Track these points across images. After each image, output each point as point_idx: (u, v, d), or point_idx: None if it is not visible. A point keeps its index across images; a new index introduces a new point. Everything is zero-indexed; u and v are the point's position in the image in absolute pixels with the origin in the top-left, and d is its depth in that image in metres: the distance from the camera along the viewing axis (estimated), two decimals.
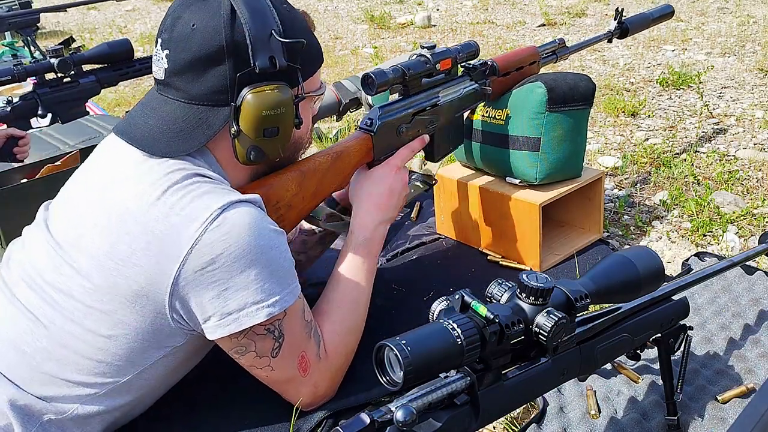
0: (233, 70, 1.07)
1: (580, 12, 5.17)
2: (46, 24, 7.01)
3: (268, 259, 1.04)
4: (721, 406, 1.18)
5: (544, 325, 0.83)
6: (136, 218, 1.02)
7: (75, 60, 2.07)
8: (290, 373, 1.15)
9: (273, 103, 1.08)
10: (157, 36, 1.12)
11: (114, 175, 1.10)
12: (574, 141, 1.70)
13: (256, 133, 1.10)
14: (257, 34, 1.06)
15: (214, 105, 1.09)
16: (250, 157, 1.12)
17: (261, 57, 1.06)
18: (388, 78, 1.34)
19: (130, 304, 1.04)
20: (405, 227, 2.01)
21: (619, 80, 3.40)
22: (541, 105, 1.64)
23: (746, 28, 4.26)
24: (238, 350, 1.10)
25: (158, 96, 1.13)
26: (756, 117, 2.74)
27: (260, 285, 1.04)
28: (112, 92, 3.88)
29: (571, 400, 1.24)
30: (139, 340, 1.07)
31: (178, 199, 1.02)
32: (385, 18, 5.50)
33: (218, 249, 1.00)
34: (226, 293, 1.03)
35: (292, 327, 1.12)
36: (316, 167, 1.28)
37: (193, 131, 1.08)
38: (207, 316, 1.04)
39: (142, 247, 1.01)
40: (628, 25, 2.08)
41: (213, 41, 1.06)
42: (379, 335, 0.78)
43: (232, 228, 1.01)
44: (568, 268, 1.72)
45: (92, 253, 1.05)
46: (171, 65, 1.08)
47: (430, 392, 0.77)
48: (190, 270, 1.01)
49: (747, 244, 1.84)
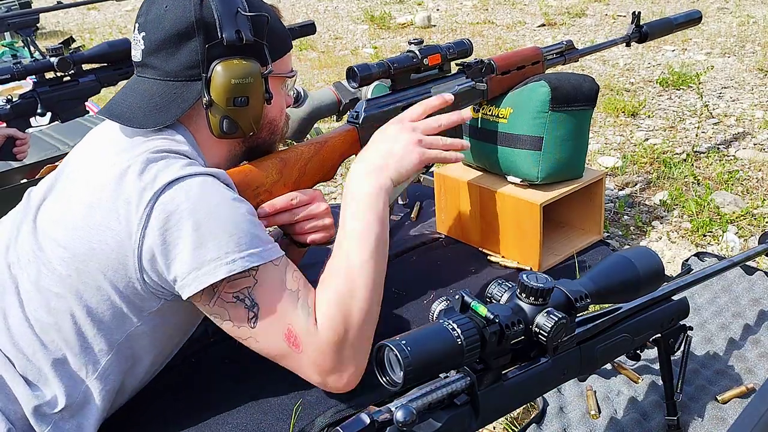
0: (203, 44, 1.14)
1: (580, 12, 5.17)
2: (46, 24, 7.01)
3: (222, 216, 1.08)
4: (721, 406, 1.18)
5: (544, 325, 0.83)
6: (111, 188, 1.09)
7: (75, 59, 2.07)
8: (279, 346, 1.13)
9: (241, 72, 1.15)
10: (135, 21, 1.19)
11: (95, 154, 1.18)
12: (577, 141, 1.69)
13: (227, 102, 1.16)
14: (224, 9, 1.14)
15: (187, 80, 1.16)
16: (223, 128, 1.18)
17: (228, 30, 1.14)
18: (372, 71, 1.36)
19: (104, 269, 1.09)
20: (405, 227, 2.01)
21: (619, 80, 3.40)
22: (545, 104, 1.63)
23: (746, 28, 4.26)
24: (216, 318, 1.13)
25: (137, 78, 1.20)
26: (756, 117, 2.74)
27: (216, 242, 1.07)
28: (111, 92, 3.87)
29: (571, 400, 1.24)
30: (116, 305, 1.11)
31: (149, 169, 1.08)
32: (385, 18, 5.50)
33: (172, 206, 1.06)
34: (184, 251, 1.06)
35: (267, 296, 1.11)
36: (299, 156, 1.29)
37: (169, 105, 1.15)
38: (174, 276, 1.08)
39: (114, 211, 1.07)
40: (648, 30, 1.99)
41: (184, 18, 1.13)
42: (381, 338, 0.78)
43: (185, 187, 1.07)
44: (568, 268, 1.72)
45: (73, 224, 1.11)
46: (146, 45, 1.16)
47: (430, 392, 0.76)
48: (152, 230, 1.06)
49: (747, 244, 1.84)
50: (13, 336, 1.12)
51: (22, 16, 3.57)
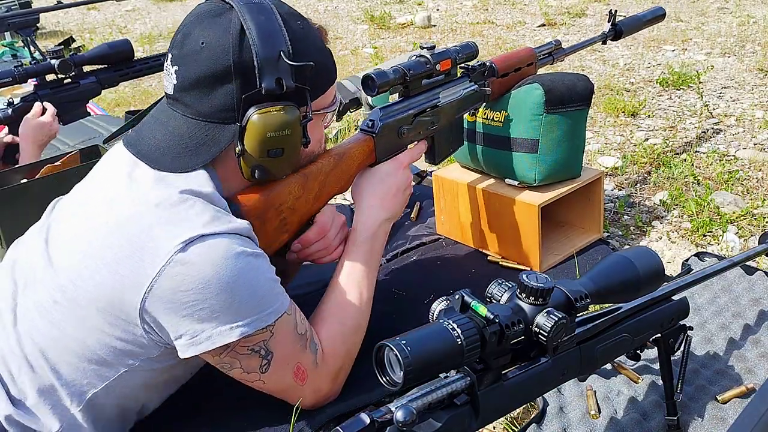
0: (240, 90, 1.07)
1: (580, 12, 5.17)
2: (46, 24, 7.01)
3: (244, 282, 1.03)
4: (721, 406, 1.18)
5: (544, 325, 0.83)
6: (125, 228, 1.03)
7: (75, 61, 2.07)
8: (286, 383, 1.15)
9: (278, 124, 1.08)
10: (168, 51, 1.12)
11: (116, 186, 1.11)
12: (573, 142, 1.69)
13: (261, 154, 1.10)
14: (265, 55, 1.06)
15: (220, 122, 1.09)
16: (254, 176, 1.13)
17: (268, 79, 1.06)
18: (389, 79, 1.33)
19: (103, 311, 1.04)
20: (405, 227, 2.01)
21: (619, 80, 3.40)
22: (539, 106, 1.63)
23: (746, 28, 4.26)
24: (223, 366, 1.11)
25: (167, 110, 1.13)
26: (756, 117, 2.74)
27: (235, 308, 1.03)
28: (112, 92, 3.87)
29: (571, 400, 1.24)
30: (112, 346, 1.06)
31: (167, 217, 1.03)
32: (385, 18, 5.50)
33: (192, 270, 1.00)
34: (198, 314, 1.02)
35: (282, 344, 1.11)
36: (319, 170, 1.26)
37: (199, 148, 1.09)
38: (178, 334, 1.04)
39: (126, 256, 1.02)
40: (621, 28, 2.10)
41: (221, 60, 1.06)
42: (381, 338, 0.78)
43: (207, 251, 1.00)
44: (568, 268, 1.72)
45: (82, 254, 1.05)
46: (180, 81, 1.09)
47: (430, 392, 0.77)
48: (163, 287, 1.01)
49: (747, 244, 1.84)
50: (5, 356, 1.08)
51: (22, 16, 3.56)
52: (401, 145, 1.42)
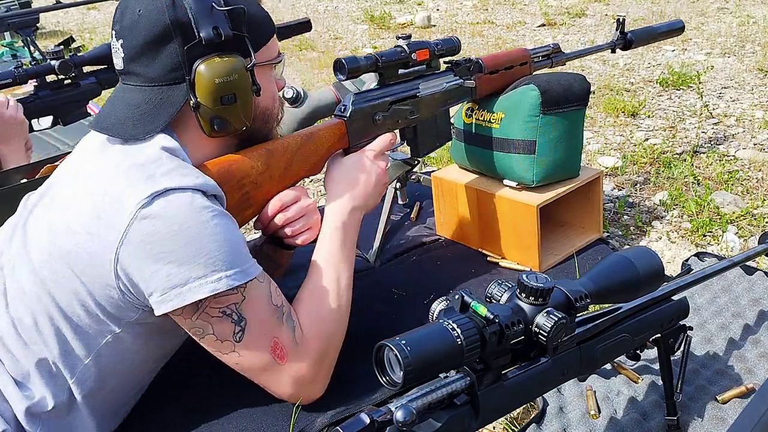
0: (182, 45, 1.11)
1: (580, 12, 5.17)
2: (46, 24, 7.01)
3: (210, 234, 1.06)
4: (720, 406, 1.18)
5: (544, 325, 0.83)
6: (95, 193, 1.08)
7: (76, 62, 2.07)
8: (263, 360, 1.15)
9: (224, 70, 1.12)
10: (111, 28, 1.16)
11: (85, 162, 1.17)
12: (570, 142, 1.69)
13: (214, 102, 1.13)
14: (198, 7, 1.11)
15: (171, 83, 1.13)
16: (214, 127, 1.16)
17: (205, 28, 1.10)
18: (360, 64, 1.36)
19: (81, 274, 1.08)
20: (405, 227, 2.02)
21: (619, 80, 3.40)
22: (535, 108, 1.63)
23: (746, 28, 4.26)
24: (196, 332, 1.12)
25: (122, 86, 1.18)
26: (756, 117, 2.75)
27: (203, 260, 1.05)
28: (112, 92, 3.87)
29: (571, 400, 1.24)
30: (93, 312, 1.10)
31: (134, 174, 1.07)
32: (385, 18, 5.50)
33: (158, 222, 1.03)
34: (167, 267, 1.05)
35: (255, 311, 1.12)
36: (285, 147, 1.28)
37: (157, 111, 1.13)
38: (150, 291, 1.07)
39: (96, 216, 1.06)
40: (632, 38, 2.00)
41: (158, 22, 1.10)
42: (381, 338, 0.78)
43: (172, 203, 1.04)
44: (568, 268, 1.72)
45: (56, 228, 1.10)
46: (126, 53, 1.13)
47: (430, 392, 0.77)
48: (132, 241, 1.04)
49: (747, 244, 1.84)
50: (2, 337, 1.12)
51: (22, 16, 3.56)
52: (377, 131, 1.42)
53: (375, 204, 1.39)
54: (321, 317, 1.23)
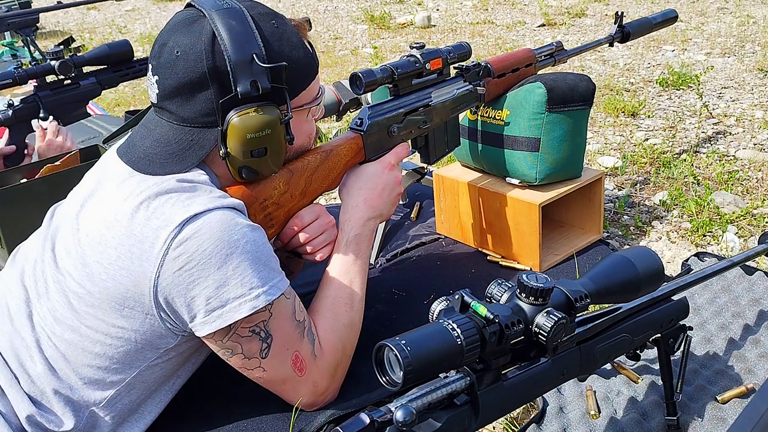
0: (218, 95, 1.09)
1: (580, 12, 5.17)
2: (46, 24, 7.01)
3: (243, 253, 1.06)
4: (720, 406, 1.18)
5: (543, 325, 0.83)
6: (122, 224, 1.06)
7: (75, 62, 2.07)
8: (285, 373, 1.16)
9: (257, 126, 1.10)
10: (148, 61, 1.15)
11: (108, 188, 1.13)
12: (574, 141, 1.70)
13: (244, 155, 1.12)
14: (237, 59, 1.07)
15: (204, 126, 1.12)
16: (242, 175, 1.15)
17: (243, 82, 1.08)
18: (377, 77, 1.34)
19: (119, 307, 1.07)
20: (405, 227, 2.02)
21: (619, 80, 3.40)
22: (541, 105, 1.64)
23: (746, 28, 4.26)
24: (225, 352, 1.12)
25: (155, 117, 1.16)
26: (756, 117, 2.75)
27: (239, 279, 1.06)
28: (112, 92, 3.87)
29: (571, 400, 1.24)
30: (132, 342, 1.10)
31: (161, 204, 1.05)
32: (385, 18, 5.50)
33: (191, 247, 1.03)
34: (206, 291, 1.05)
35: (280, 327, 1.13)
36: (306, 166, 1.27)
37: (185, 152, 1.11)
38: (193, 315, 1.07)
39: (127, 250, 1.05)
40: (629, 30, 2.04)
41: (196, 67, 1.08)
42: (381, 338, 0.78)
43: (202, 226, 1.03)
44: (568, 268, 1.72)
45: (84, 259, 1.08)
46: (161, 90, 1.11)
47: (430, 392, 0.77)
48: (169, 271, 1.03)
49: (747, 244, 1.84)
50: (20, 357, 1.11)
51: (22, 15, 3.57)
52: (392, 143, 1.42)
53: (390, 214, 1.40)
54: (337, 330, 1.24)
